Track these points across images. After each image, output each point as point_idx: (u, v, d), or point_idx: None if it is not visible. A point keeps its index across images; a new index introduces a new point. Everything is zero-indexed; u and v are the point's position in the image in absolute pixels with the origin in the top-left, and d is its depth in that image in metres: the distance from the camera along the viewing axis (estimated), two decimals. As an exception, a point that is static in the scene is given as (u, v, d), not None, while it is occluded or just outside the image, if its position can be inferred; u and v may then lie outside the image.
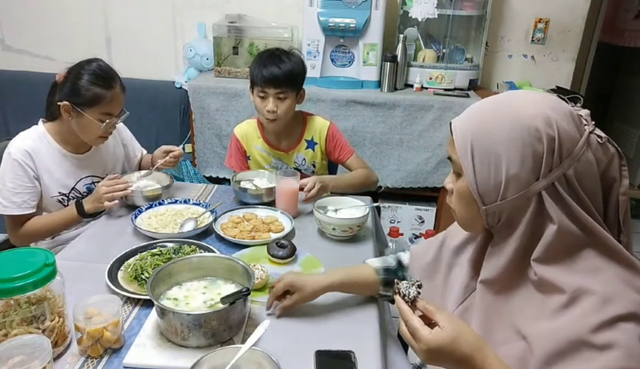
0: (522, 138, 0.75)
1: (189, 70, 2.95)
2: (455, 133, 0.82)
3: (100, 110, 1.55)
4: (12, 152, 1.55)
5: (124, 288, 1.19)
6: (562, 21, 2.91)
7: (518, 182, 0.77)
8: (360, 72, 2.69)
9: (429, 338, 0.77)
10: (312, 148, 1.92)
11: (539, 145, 0.75)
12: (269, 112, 1.76)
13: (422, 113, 2.59)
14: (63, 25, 3.05)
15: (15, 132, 1.63)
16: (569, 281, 0.75)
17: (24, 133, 1.62)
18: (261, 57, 1.80)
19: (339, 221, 1.48)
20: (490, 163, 0.78)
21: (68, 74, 1.57)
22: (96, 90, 1.53)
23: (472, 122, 0.81)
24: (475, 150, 0.79)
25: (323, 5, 2.56)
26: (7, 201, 1.55)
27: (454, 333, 0.77)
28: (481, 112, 0.82)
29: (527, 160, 0.75)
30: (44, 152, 1.60)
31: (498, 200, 0.79)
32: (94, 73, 1.55)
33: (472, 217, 0.85)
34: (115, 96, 1.58)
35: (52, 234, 1.67)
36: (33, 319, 0.96)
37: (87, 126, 1.57)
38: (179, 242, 1.39)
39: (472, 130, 0.80)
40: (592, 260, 0.76)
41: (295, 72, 1.77)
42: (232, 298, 1.02)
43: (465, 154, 0.80)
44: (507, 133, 0.76)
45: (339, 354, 1.00)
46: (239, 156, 1.95)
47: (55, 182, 1.63)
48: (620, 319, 0.71)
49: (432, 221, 2.87)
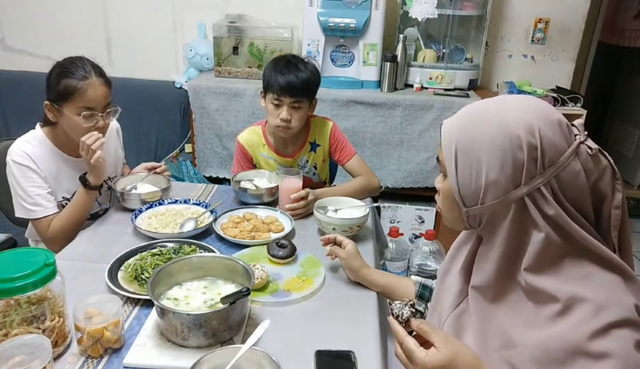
0: (502, 144, 0.75)
1: (189, 70, 2.95)
2: (443, 135, 0.83)
3: (76, 103, 1.48)
4: (15, 158, 1.51)
5: (124, 288, 1.19)
6: (562, 21, 2.91)
7: (497, 187, 0.77)
8: (360, 72, 2.69)
9: (426, 360, 0.76)
10: (314, 150, 1.90)
11: (520, 153, 0.74)
12: (283, 121, 1.72)
13: (422, 113, 2.59)
14: (63, 25, 3.05)
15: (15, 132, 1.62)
16: (561, 289, 0.75)
17: (22, 139, 1.57)
18: (277, 63, 1.74)
19: (339, 221, 1.48)
20: (472, 167, 0.78)
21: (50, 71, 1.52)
22: (66, 81, 1.47)
23: (458, 125, 0.82)
24: (458, 153, 0.80)
25: (323, 5, 2.56)
26: (28, 204, 1.52)
27: (451, 354, 0.76)
28: (468, 116, 0.82)
29: (507, 166, 0.75)
30: (46, 157, 1.57)
31: (478, 203, 0.80)
32: (63, 65, 1.50)
33: (455, 218, 0.87)
34: (90, 86, 1.48)
35: (79, 223, 1.59)
36: (33, 319, 0.96)
37: (70, 125, 1.51)
38: (179, 242, 1.39)
39: (457, 133, 0.81)
40: (582, 268, 0.75)
41: (311, 81, 1.74)
42: (232, 298, 1.02)
43: (449, 156, 0.81)
44: (489, 138, 0.76)
45: (339, 354, 1.00)
46: (246, 163, 1.90)
47: (59, 187, 1.60)
48: (614, 326, 0.70)
49: (432, 221, 2.87)
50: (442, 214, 0.91)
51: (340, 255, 1.28)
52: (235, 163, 1.93)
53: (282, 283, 1.27)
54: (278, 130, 1.78)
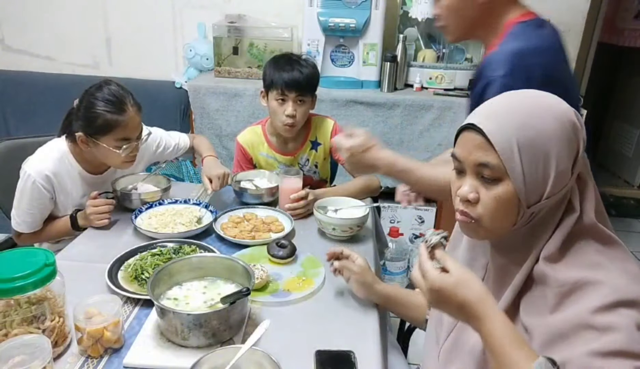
0: (567, 133, 0.76)
1: (189, 70, 2.95)
2: (492, 135, 0.76)
3: (115, 136, 1.48)
4: (32, 174, 1.51)
5: (124, 288, 1.19)
6: (562, 21, 2.90)
7: (564, 177, 0.77)
8: (360, 72, 2.69)
9: (434, 278, 0.78)
10: (315, 149, 1.90)
11: (575, 138, 0.77)
12: (289, 117, 1.73)
13: (422, 113, 2.59)
14: (63, 25, 3.04)
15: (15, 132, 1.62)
16: (571, 275, 0.76)
17: (45, 152, 1.57)
18: (278, 61, 1.77)
19: (339, 221, 1.48)
20: (539, 162, 0.75)
21: (80, 102, 1.51)
22: (107, 117, 1.46)
23: (513, 122, 0.76)
24: (522, 149, 0.75)
25: (323, 5, 2.56)
26: (20, 219, 1.56)
27: (460, 278, 0.77)
28: (516, 110, 0.78)
29: (572, 153, 0.77)
30: (64, 175, 1.57)
31: (542, 199, 0.77)
32: (104, 99, 1.47)
33: (507, 225, 0.81)
34: (130, 120, 1.49)
35: (51, 240, 1.67)
36: (33, 319, 0.96)
37: (107, 154, 1.51)
38: (179, 242, 1.39)
39: (515, 130, 0.75)
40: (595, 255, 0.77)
41: (314, 76, 1.78)
42: (232, 298, 1.02)
43: (510, 155, 0.75)
44: (554, 129, 0.75)
45: (339, 354, 1.00)
46: (246, 163, 1.91)
47: (72, 201, 1.62)
48: (621, 305, 0.71)
49: (432, 221, 2.86)
50: (485, 227, 0.82)
51: (352, 269, 1.17)
52: (235, 163, 1.93)
53: (282, 283, 1.27)
54: (283, 129, 1.79)
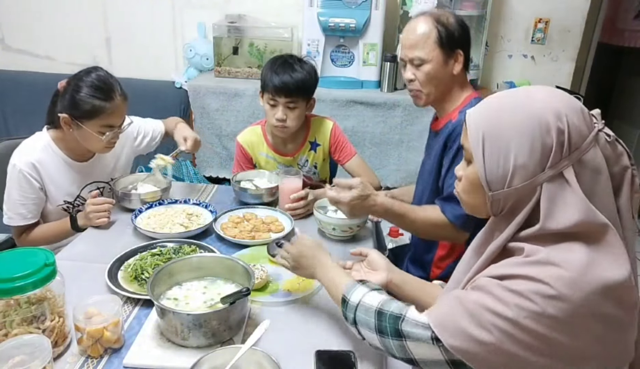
0: (532, 129, 0.79)
1: (189, 70, 2.96)
2: (469, 123, 0.86)
3: (100, 122, 1.50)
4: (17, 164, 1.53)
5: (124, 288, 1.19)
6: (562, 21, 2.91)
7: (525, 171, 0.80)
8: (360, 72, 2.70)
9: None
10: (314, 149, 1.90)
11: (548, 137, 0.78)
12: (278, 121, 1.73)
13: (422, 113, 2.59)
14: (63, 25, 3.05)
15: (15, 132, 1.63)
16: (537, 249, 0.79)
17: (29, 143, 1.58)
18: (274, 63, 1.75)
19: (339, 221, 1.48)
20: (500, 152, 0.81)
21: (68, 85, 1.52)
22: (95, 102, 1.48)
23: (485, 113, 0.85)
24: (486, 139, 0.82)
25: (323, 5, 2.56)
26: (13, 213, 1.56)
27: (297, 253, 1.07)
28: (496, 104, 0.86)
29: (535, 150, 0.79)
30: (49, 163, 1.58)
31: (504, 187, 0.82)
32: (92, 85, 1.49)
33: (478, 204, 0.89)
34: (116, 107, 1.51)
35: (51, 243, 1.65)
36: (33, 319, 0.96)
37: (89, 138, 1.53)
38: (179, 242, 1.39)
39: (485, 120, 0.84)
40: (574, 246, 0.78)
41: (307, 81, 1.74)
42: (232, 298, 1.02)
43: (476, 142, 0.83)
44: (518, 124, 0.80)
45: (339, 354, 1.00)
46: (246, 163, 1.91)
47: (61, 191, 1.62)
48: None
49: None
50: (462, 202, 0.94)
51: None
52: (235, 163, 1.93)
53: (282, 283, 1.27)
54: (275, 130, 1.79)
